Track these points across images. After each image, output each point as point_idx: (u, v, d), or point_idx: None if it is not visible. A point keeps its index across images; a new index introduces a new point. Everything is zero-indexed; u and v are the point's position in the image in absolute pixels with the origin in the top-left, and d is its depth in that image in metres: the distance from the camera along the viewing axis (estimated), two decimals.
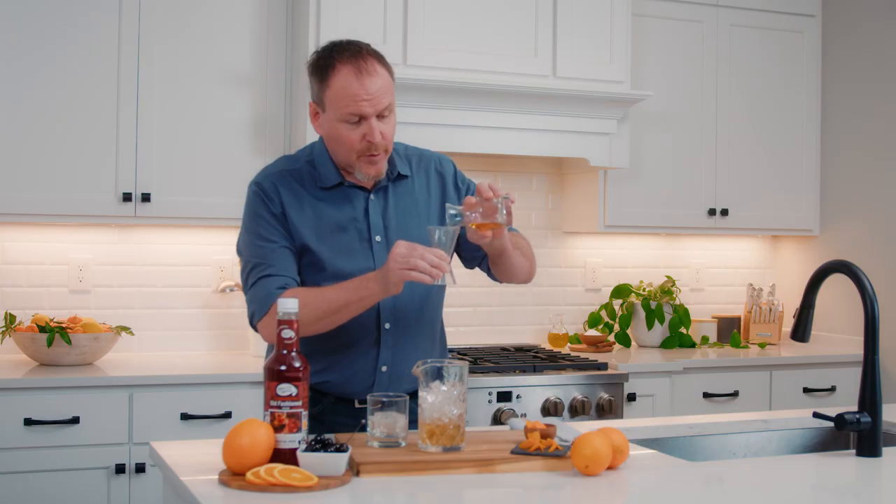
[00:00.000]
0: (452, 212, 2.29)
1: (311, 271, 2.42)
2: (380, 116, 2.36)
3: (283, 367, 2.01)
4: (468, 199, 2.29)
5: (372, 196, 2.47)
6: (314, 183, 2.45)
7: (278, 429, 1.99)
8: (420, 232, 2.41)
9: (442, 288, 2.57)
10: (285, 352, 2.03)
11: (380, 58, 2.40)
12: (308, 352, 2.44)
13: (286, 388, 2.00)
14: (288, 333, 2.04)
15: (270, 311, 2.34)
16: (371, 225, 2.45)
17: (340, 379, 2.47)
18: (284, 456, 1.98)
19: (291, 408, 2.00)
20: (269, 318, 2.34)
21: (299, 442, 1.99)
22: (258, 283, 2.39)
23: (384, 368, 2.46)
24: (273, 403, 2.00)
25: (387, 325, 2.45)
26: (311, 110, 2.45)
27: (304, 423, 2.02)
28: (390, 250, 2.24)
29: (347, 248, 2.43)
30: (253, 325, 2.43)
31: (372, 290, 2.28)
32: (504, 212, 2.28)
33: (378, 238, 2.45)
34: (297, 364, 2.02)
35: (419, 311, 2.50)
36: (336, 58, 2.37)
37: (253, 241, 2.44)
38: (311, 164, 2.47)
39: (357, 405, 2.47)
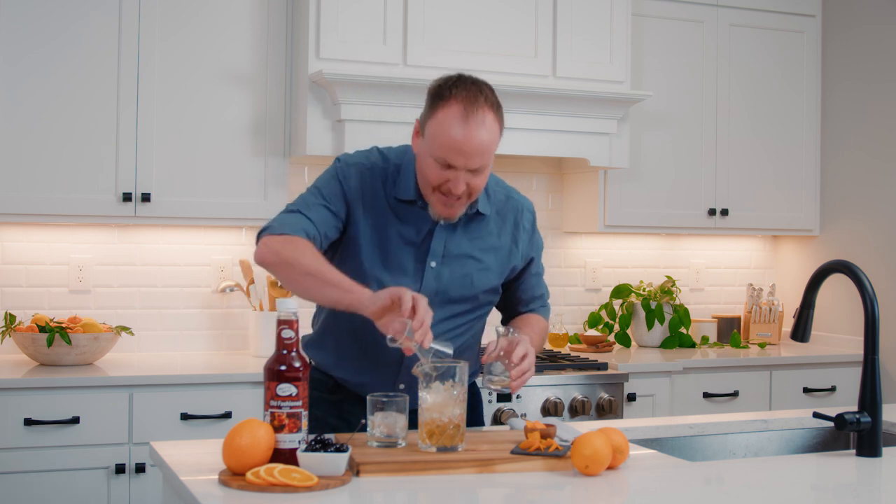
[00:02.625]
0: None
1: (348, 265, 2.37)
2: (474, 171, 2.29)
3: (283, 367, 2.01)
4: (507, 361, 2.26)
5: (442, 221, 2.41)
6: (393, 189, 2.41)
7: (278, 429, 1.99)
8: (477, 268, 2.43)
9: (481, 326, 2.58)
10: (285, 352, 2.03)
11: (495, 108, 2.30)
12: (334, 347, 2.49)
13: (286, 388, 2.00)
14: (288, 333, 2.04)
15: (282, 236, 2.29)
16: (431, 249, 2.40)
17: (358, 384, 2.47)
18: (284, 456, 1.98)
19: (291, 408, 2.00)
20: (274, 238, 2.30)
21: (299, 442, 1.99)
22: (292, 214, 2.36)
23: (402, 387, 2.44)
24: (273, 403, 2.00)
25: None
26: (416, 128, 2.38)
27: (305, 423, 2.02)
28: (391, 290, 2.14)
29: (398, 264, 2.40)
30: (259, 235, 2.36)
31: (361, 301, 2.18)
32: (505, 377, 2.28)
33: (433, 263, 2.41)
34: (297, 364, 2.02)
35: (453, 342, 2.43)
36: (453, 91, 2.28)
37: (309, 193, 2.41)
38: (398, 170, 2.42)
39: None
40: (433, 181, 2.31)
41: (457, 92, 2.28)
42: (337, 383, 2.52)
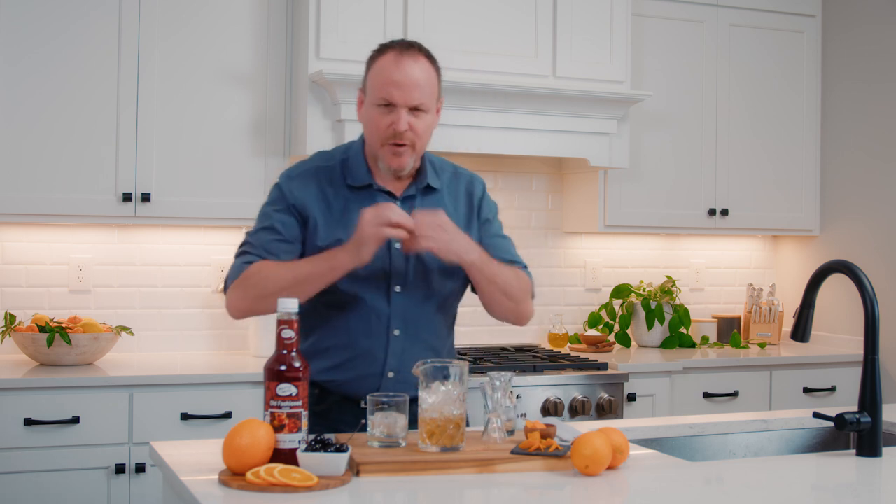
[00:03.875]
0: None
1: None
2: (414, 110, 2.38)
3: (283, 367, 2.01)
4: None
5: (399, 203, 2.47)
6: (343, 181, 2.47)
7: (278, 429, 1.99)
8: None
9: (455, 307, 2.57)
10: (285, 352, 2.03)
11: (429, 56, 2.45)
12: (318, 350, 2.47)
13: (286, 388, 2.00)
14: (288, 333, 2.04)
15: (243, 274, 2.38)
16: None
17: (347, 380, 2.47)
18: (284, 456, 1.98)
19: (291, 408, 2.00)
20: (233, 287, 2.39)
21: (299, 442, 1.99)
22: (239, 256, 2.45)
23: (391, 374, 2.46)
24: (273, 403, 2.00)
25: (396, 332, 2.45)
26: (359, 98, 2.49)
27: (305, 423, 2.02)
28: (365, 214, 2.26)
29: None
30: (227, 285, 2.45)
31: (341, 259, 2.29)
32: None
33: (398, 245, 2.43)
34: (297, 364, 2.02)
35: (430, 318, 2.50)
36: (388, 47, 2.44)
37: (260, 228, 2.48)
38: (345, 163, 2.49)
39: (362, 405, 2.47)
40: (379, 129, 2.39)
41: (390, 45, 2.44)
42: (322, 393, 2.49)
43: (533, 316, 2.63)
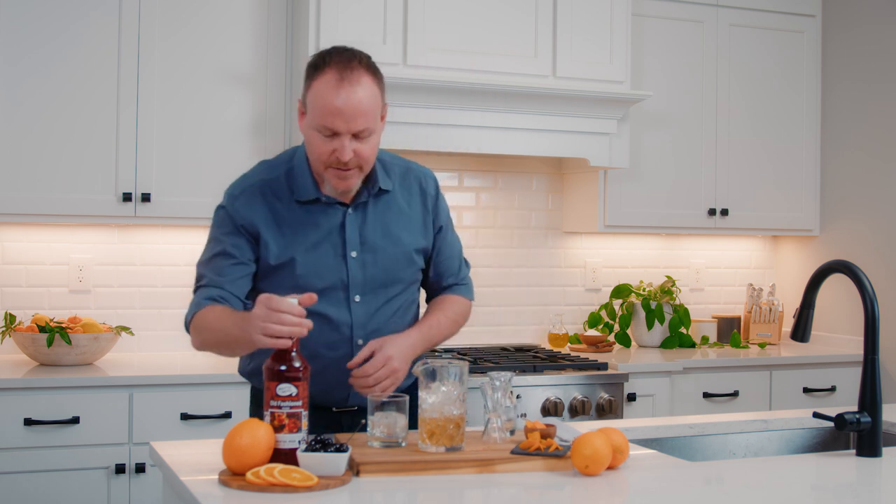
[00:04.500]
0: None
1: (286, 287, 2.32)
2: (357, 136, 2.27)
3: (283, 368, 2.01)
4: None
5: (350, 210, 2.40)
6: (291, 196, 2.38)
7: (278, 429, 1.99)
8: (398, 246, 2.42)
9: (415, 304, 2.55)
10: (285, 350, 2.03)
11: (371, 70, 2.30)
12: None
13: (286, 388, 2.00)
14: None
15: (193, 319, 2.34)
16: (347, 240, 2.39)
17: (316, 390, 2.34)
18: (284, 456, 1.98)
19: (292, 408, 2.00)
20: (191, 330, 2.36)
21: (299, 442, 1.99)
22: (200, 290, 2.40)
23: (347, 397, 2.46)
24: (273, 403, 2.00)
25: (360, 342, 2.41)
26: (299, 108, 2.36)
27: (305, 423, 2.02)
28: (257, 309, 2.08)
29: (322, 264, 2.38)
30: (186, 328, 2.41)
31: (248, 334, 2.11)
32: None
33: (354, 254, 2.39)
34: (297, 364, 2.02)
35: (393, 321, 2.46)
36: (327, 61, 2.27)
37: (208, 255, 2.43)
38: (290, 174, 2.40)
39: (335, 410, 2.48)
40: (321, 155, 2.28)
41: (330, 60, 2.27)
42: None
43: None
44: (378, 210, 2.43)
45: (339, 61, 2.26)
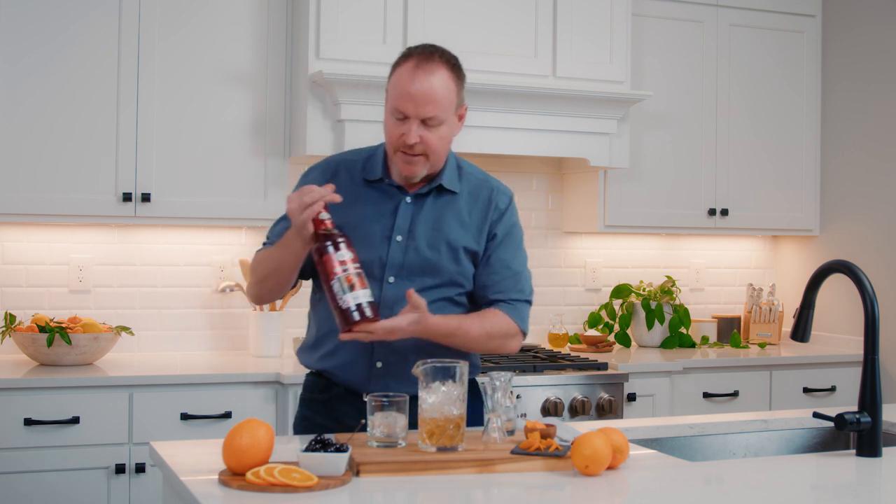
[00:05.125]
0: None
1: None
2: (425, 123, 2.38)
3: (328, 242, 2.19)
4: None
5: (409, 198, 2.48)
6: (361, 175, 2.51)
7: (351, 288, 2.14)
8: (442, 242, 2.46)
9: (455, 307, 2.50)
10: (324, 230, 2.21)
11: (450, 64, 2.42)
12: (317, 338, 2.54)
13: (343, 254, 2.18)
14: (324, 216, 2.22)
15: (251, 267, 2.52)
16: (396, 224, 2.46)
17: (339, 366, 2.49)
18: (350, 316, 2.17)
19: (356, 268, 2.19)
20: (249, 276, 2.52)
21: (372, 296, 2.18)
22: (262, 247, 2.54)
23: (379, 365, 2.46)
24: (337, 270, 2.15)
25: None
26: (386, 99, 2.48)
27: (366, 281, 2.20)
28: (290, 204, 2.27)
29: (366, 241, 2.44)
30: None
31: (293, 245, 2.31)
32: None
33: (399, 238, 2.46)
34: (335, 232, 2.19)
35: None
36: (412, 52, 2.43)
37: (277, 219, 2.55)
38: (369, 159, 2.54)
39: (364, 398, 2.48)
40: (392, 138, 2.42)
41: (414, 51, 2.43)
42: (328, 383, 2.53)
43: (516, 352, 2.65)
44: (436, 206, 2.49)
45: (422, 54, 2.41)
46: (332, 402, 2.51)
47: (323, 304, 2.46)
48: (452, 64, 2.43)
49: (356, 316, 2.21)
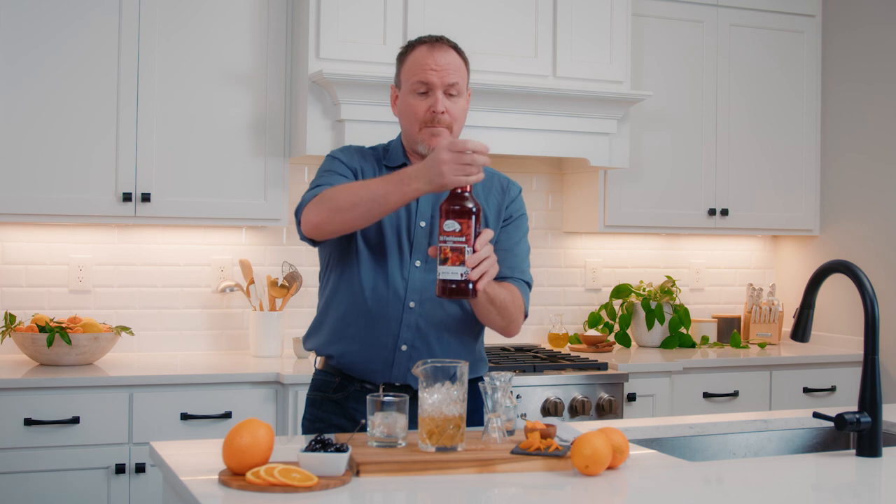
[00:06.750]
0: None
1: (351, 236, 2.49)
2: (448, 94, 2.47)
3: (456, 207, 2.18)
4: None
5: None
6: (382, 162, 2.59)
7: (443, 262, 2.18)
8: None
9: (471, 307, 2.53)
10: (460, 191, 2.20)
11: (456, 47, 2.55)
12: (337, 318, 2.53)
13: (451, 224, 2.18)
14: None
15: (315, 198, 2.40)
16: (419, 211, 2.51)
17: (360, 350, 2.49)
18: (443, 285, 2.18)
19: (455, 242, 2.18)
20: (309, 207, 2.40)
21: (461, 275, 2.18)
22: (311, 190, 2.48)
23: (404, 348, 2.49)
24: (441, 239, 2.18)
25: (412, 304, 2.48)
26: (392, 95, 2.59)
27: (467, 258, 2.19)
28: (434, 155, 2.23)
29: (390, 224, 2.50)
30: (297, 213, 2.48)
31: (416, 188, 2.27)
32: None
33: (423, 224, 2.51)
34: (469, 205, 2.19)
35: (445, 310, 2.51)
36: (416, 43, 2.53)
37: (322, 174, 2.54)
38: (386, 149, 2.62)
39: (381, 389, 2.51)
40: (418, 113, 2.48)
41: (421, 39, 2.54)
42: (341, 382, 2.54)
43: (518, 333, 2.67)
44: None
45: (429, 40, 2.53)
46: (347, 401, 2.53)
47: (345, 283, 2.50)
48: (459, 48, 2.56)
49: (470, 286, 2.20)
